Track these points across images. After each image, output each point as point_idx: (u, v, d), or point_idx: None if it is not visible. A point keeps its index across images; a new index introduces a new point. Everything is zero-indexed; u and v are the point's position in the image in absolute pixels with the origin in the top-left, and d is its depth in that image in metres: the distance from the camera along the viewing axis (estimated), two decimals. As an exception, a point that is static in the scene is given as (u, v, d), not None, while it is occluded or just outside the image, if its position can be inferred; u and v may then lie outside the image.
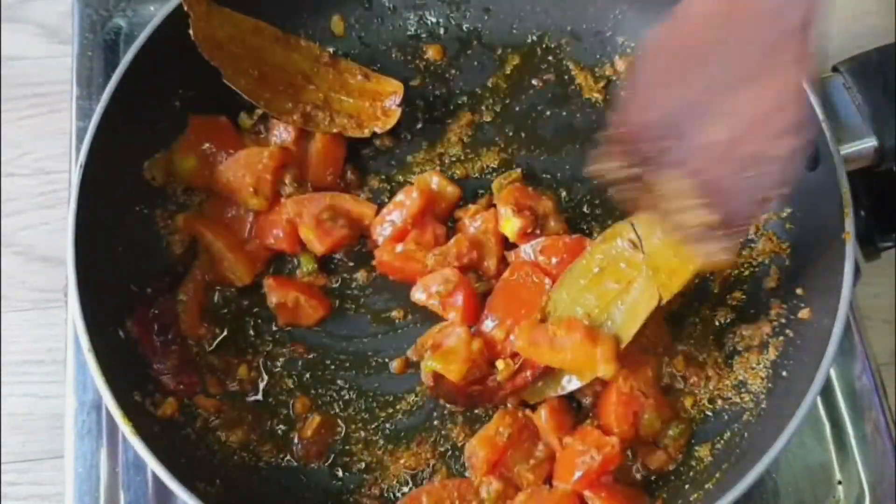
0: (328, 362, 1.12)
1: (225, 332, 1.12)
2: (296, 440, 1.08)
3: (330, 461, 1.07)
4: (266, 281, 1.13)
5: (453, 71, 1.25)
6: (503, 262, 1.13)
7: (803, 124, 0.88)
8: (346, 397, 1.10)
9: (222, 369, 1.10)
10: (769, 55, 0.87)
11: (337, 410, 1.09)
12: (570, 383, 1.04)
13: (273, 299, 1.12)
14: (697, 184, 0.94)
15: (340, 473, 1.07)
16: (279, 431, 1.08)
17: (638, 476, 1.05)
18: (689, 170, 0.94)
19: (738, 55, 0.89)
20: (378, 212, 1.14)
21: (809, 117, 0.89)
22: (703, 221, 0.94)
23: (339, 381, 1.11)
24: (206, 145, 1.15)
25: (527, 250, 1.11)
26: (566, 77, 1.25)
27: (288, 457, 1.07)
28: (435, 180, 1.15)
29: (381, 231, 1.13)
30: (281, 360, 1.11)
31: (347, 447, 1.08)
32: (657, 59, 0.97)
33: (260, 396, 1.10)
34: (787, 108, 0.87)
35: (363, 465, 1.07)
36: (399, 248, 1.11)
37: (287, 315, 1.12)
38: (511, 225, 1.12)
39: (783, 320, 1.09)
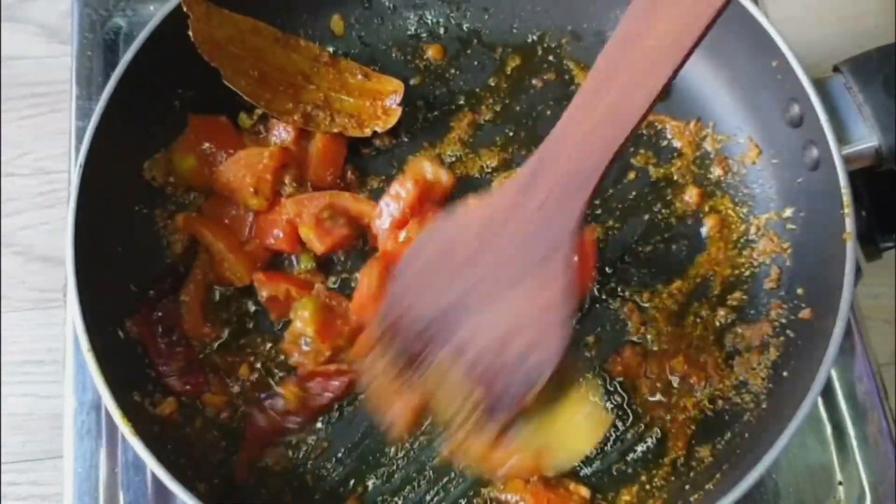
0: (328, 362, 1.12)
1: (227, 333, 1.12)
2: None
3: (330, 462, 1.07)
4: (256, 276, 1.12)
5: (453, 71, 1.25)
6: None
7: (567, 323, 0.91)
8: (346, 397, 1.10)
9: (224, 369, 1.10)
10: (540, 259, 0.90)
11: (337, 410, 1.10)
12: None
13: (264, 293, 1.11)
14: (464, 378, 0.96)
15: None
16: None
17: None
18: (459, 365, 0.96)
19: (508, 262, 0.93)
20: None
21: (569, 316, 0.91)
22: (469, 415, 0.97)
23: (338, 382, 1.11)
24: (206, 145, 1.15)
25: None
26: (566, 77, 1.24)
27: (288, 457, 1.08)
28: (428, 168, 1.15)
29: (381, 224, 1.13)
30: (280, 359, 1.11)
31: (347, 447, 1.08)
32: (428, 253, 0.99)
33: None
34: (550, 309, 0.91)
35: (363, 465, 1.07)
36: (402, 235, 1.11)
37: (279, 308, 1.11)
38: None
39: (784, 320, 1.09)
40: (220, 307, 1.13)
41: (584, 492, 1.04)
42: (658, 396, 1.08)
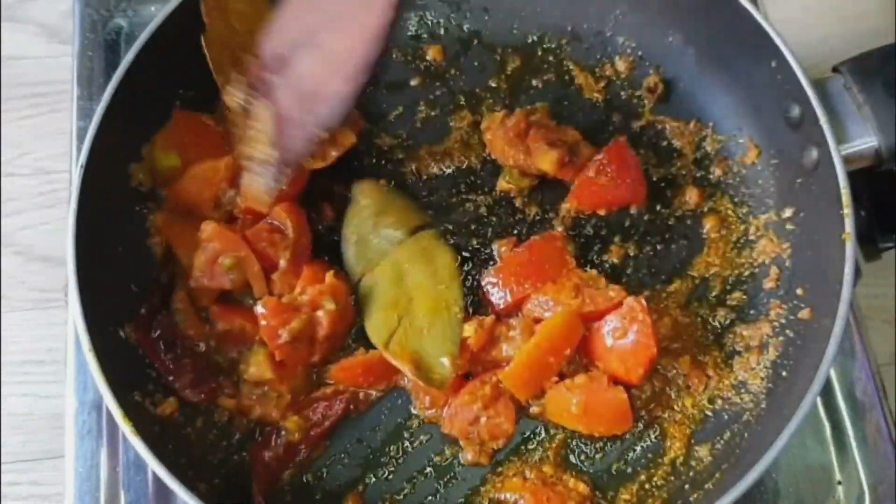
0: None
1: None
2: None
3: (330, 461, 1.07)
4: (211, 308, 1.09)
5: (454, 71, 1.25)
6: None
7: (363, 71, 0.97)
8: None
9: (227, 368, 1.09)
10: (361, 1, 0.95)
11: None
12: None
13: (218, 326, 1.09)
14: (277, 118, 1.02)
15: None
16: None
17: None
18: (277, 103, 1.02)
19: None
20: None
21: (369, 64, 0.98)
22: (267, 154, 1.02)
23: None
24: (187, 144, 1.12)
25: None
26: (566, 77, 1.25)
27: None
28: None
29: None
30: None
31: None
32: None
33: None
34: (358, 52, 0.96)
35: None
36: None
37: (234, 342, 1.09)
38: (549, 157, 1.13)
39: (783, 320, 1.09)
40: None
41: (584, 489, 1.04)
42: (657, 396, 1.08)
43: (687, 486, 1.04)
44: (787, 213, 1.12)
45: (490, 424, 1.05)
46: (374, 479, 1.06)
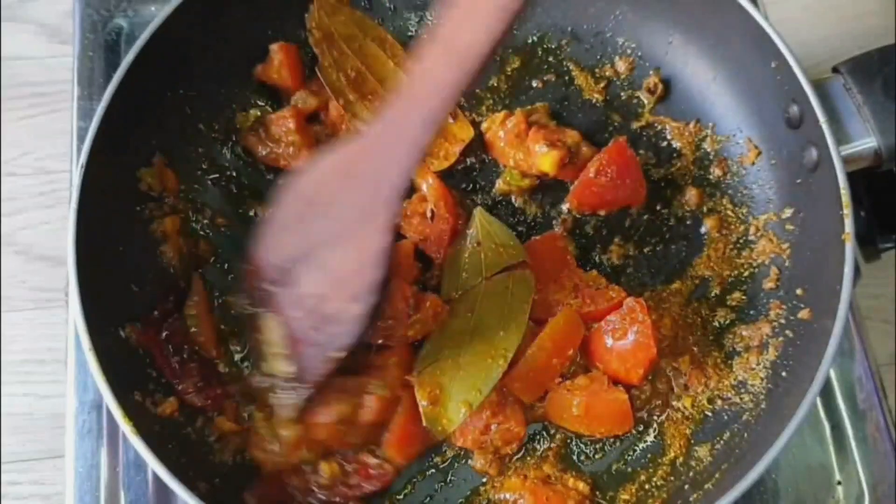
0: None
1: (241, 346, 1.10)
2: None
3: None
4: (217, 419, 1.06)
5: (454, 71, 1.25)
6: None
7: (371, 292, 0.95)
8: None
9: (229, 380, 1.09)
10: (363, 220, 0.93)
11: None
12: None
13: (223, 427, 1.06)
14: (287, 333, 1.00)
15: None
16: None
17: None
18: (284, 317, 1.00)
19: (342, 214, 0.95)
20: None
21: (376, 284, 0.95)
22: (282, 371, 1.00)
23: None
24: None
25: None
26: (566, 78, 1.25)
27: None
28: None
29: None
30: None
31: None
32: (288, 204, 1.00)
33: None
34: (363, 273, 0.94)
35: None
36: None
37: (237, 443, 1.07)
38: (549, 158, 1.13)
39: (783, 321, 1.09)
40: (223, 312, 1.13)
41: (584, 488, 1.04)
42: (657, 396, 1.09)
43: (687, 486, 1.04)
44: (787, 213, 1.12)
45: (501, 430, 1.05)
46: (374, 479, 1.06)
